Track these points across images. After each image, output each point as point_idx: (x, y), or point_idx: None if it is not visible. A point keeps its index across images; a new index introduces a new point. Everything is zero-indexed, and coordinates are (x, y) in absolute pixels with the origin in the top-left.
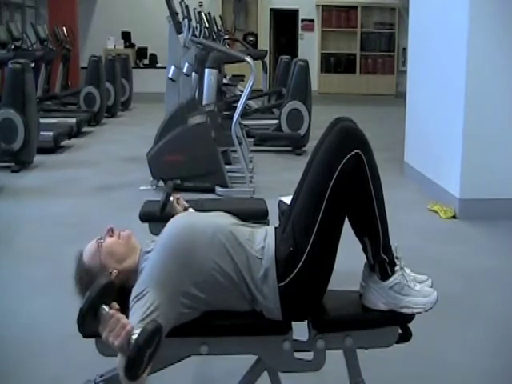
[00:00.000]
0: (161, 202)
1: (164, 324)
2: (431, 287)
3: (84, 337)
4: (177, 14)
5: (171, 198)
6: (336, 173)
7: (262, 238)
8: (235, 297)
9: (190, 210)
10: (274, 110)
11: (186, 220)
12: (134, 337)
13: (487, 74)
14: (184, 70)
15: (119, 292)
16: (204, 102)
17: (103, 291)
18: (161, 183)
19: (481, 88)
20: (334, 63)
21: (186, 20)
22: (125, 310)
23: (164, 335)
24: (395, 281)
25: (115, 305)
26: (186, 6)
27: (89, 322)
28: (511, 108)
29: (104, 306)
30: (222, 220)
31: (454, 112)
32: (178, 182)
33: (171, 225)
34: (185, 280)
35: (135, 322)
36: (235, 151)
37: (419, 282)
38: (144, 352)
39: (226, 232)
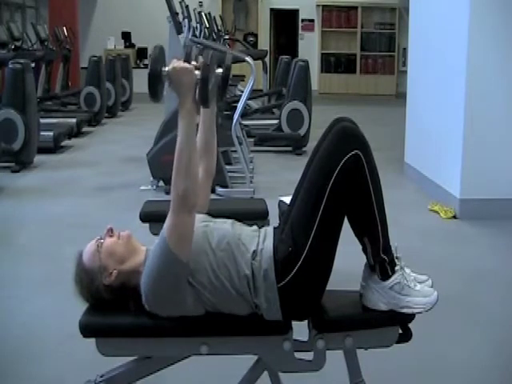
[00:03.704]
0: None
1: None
2: (431, 287)
3: (84, 337)
4: (177, 14)
5: (165, 69)
6: (335, 173)
7: (262, 240)
8: (238, 302)
9: (218, 70)
10: (274, 110)
11: (198, 223)
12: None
13: (487, 74)
14: None
15: (119, 292)
16: None
17: (160, 54)
18: (161, 183)
19: (481, 88)
20: (334, 63)
21: (186, 20)
22: (125, 309)
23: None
24: (395, 281)
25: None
26: (186, 6)
27: (156, 85)
28: None
29: (163, 68)
30: (230, 226)
31: (455, 112)
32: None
33: None
34: (191, 277)
35: None
36: (235, 151)
37: (419, 282)
38: (210, 75)
39: (235, 238)
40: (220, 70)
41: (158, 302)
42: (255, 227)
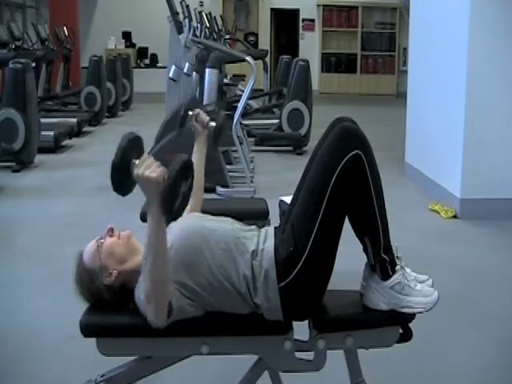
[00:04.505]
0: (179, 118)
1: (175, 305)
2: (432, 287)
3: (84, 336)
4: (177, 13)
5: (190, 113)
6: (336, 173)
7: (262, 240)
8: (237, 302)
9: (212, 123)
10: (275, 109)
11: (191, 222)
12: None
13: (488, 74)
14: (185, 70)
15: (120, 292)
16: (205, 102)
17: (133, 142)
18: None
19: (482, 88)
20: (334, 63)
21: (186, 20)
22: (125, 309)
23: (174, 315)
24: (396, 280)
25: (145, 155)
26: (187, 6)
27: (123, 182)
28: None
29: (134, 160)
30: (227, 225)
31: (455, 112)
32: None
33: (177, 226)
34: (187, 278)
35: None
36: (236, 151)
37: (420, 282)
38: (180, 182)
39: (233, 238)
40: (213, 124)
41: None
42: (253, 226)
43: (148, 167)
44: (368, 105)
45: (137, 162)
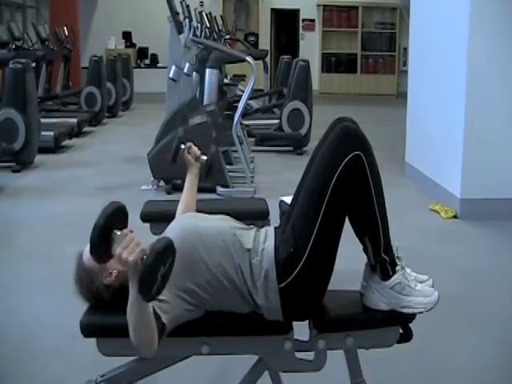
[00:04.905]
0: (172, 151)
1: (169, 318)
2: (432, 287)
3: (85, 336)
4: (178, 13)
5: (182, 147)
6: (336, 174)
7: (262, 240)
8: (237, 299)
9: (203, 157)
10: (275, 109)
11: (189, 221)
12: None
13: (488, 74)
14: (185, 70)
15: (119, 292)
16: (205, 102)
17: (117, 212)
18: (161, 183)
19: (482, 88)
20: (334, 63)
21: (186, 20)
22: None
23: (168, 332)
24: (396, 281)
25: (128, 229)
26: (187, 6)
27: (101, 248)
28: None
29: (115, 231)
30: (225, 223)
31: (455, 112)
32: (179, 181)
33: (174, 226)
34: (187, 279)
35: None
36: (236, 151)
37: (420, 282)
38: (158, 266)
39: (230, 235)
40: (204, 158)
41: None
42: (251, 226)
43: (126, 247)
44: (368, 105)
45: (118, 233)
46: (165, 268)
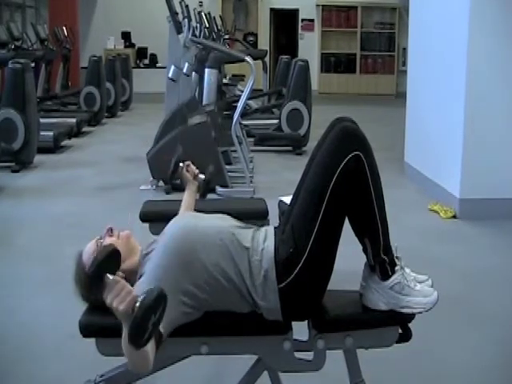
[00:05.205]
0: (170, 169)
1: (167, 323)
2: (431, 287)
3: (84, 336)
4: (177, 13)
5: (180, 165)
6: (336, 174)
7: (262, 240)
8: (236, 299)
9: (201, 176)
10: (274, 109)
11: (187, 221)
12: (139, 303)
13: (487, 74)
14: (184, 70)
15: None
16: (204, 102)
17: (109, 258)
18: (161, 183)
19: (481, 88)
20: (334, 63)
21: (186, 20)
22: None
23: (166, 335)
24: (395, 281)
25: (120, 274)
26: (186, 6)
27: (94, 289)
28: None
29: (109, 275)
30: (223, 222)
31: (455, 112)
32: (178, 181)
33: (172, 226)
34: (186, 280)
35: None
36: (235, 151)
37: (419, 282)
38: (149, 316)
39: (229, 234)
40: (202, 177)
41: None
42: (250, 225)
43: (117, 295)
44: (367, 105)
45: (111, 277)
46: (156, 317)
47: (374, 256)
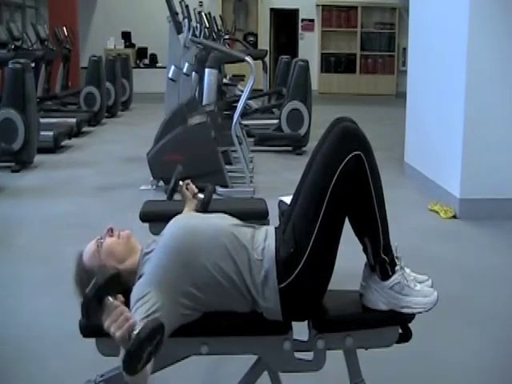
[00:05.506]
0: (169, 187)
1: (166, 325)
2: (431, 287)
3: (84, 336)
4: (177, 13)
5: (180, 183)
6: (336, 174)
7: (263, 239)
8: (236, 298)
9: (200, 195)
10: (274, 109)
11: (187, 221)
12: (136, 332)
13: (487, 74)
14: (184, 70)
15: (119, 292)
16: (204, 102)
17: (109, 281)
18: (161, 183)
19: (481, 88)
20: (334, 63)
21: (186, 20)
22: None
23: (166, 336)
24: (395, 281)
25: (120, 297)
26: (186, 6)
27: (93, 310)
28: None
29: (109, 297)
30: (223, 221)
31: (455, 112)
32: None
33: (172, 226)
34: (186, 281)
35: (137, 320)
36: (235, 151)
37: (419, 282)
38: (144, 348)
39: (228, 234)
40: (201, 196)
41: None
42: (256, 225)
43: (115, 320)
44: (367, 105)
45: (111, 299)
46: (151, 347)
47: (374, 256)
